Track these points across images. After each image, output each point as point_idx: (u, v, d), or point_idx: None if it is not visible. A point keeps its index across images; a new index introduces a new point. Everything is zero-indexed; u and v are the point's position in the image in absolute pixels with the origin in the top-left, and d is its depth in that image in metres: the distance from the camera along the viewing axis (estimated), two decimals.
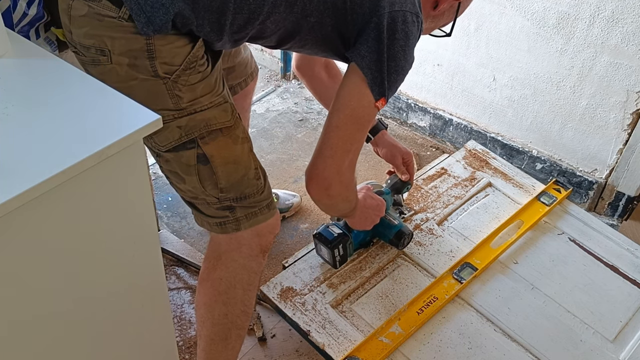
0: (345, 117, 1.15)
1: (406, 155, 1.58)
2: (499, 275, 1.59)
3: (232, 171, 1.10)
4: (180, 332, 1.52)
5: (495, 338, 1.44)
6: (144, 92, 1.02)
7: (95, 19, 0.99)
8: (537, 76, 1.93)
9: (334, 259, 1.51)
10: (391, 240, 1.58)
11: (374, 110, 1.14)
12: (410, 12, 1.10)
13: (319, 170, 1.18)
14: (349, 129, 1.16)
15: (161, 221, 1.84)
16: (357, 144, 1.19)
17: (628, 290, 1.60)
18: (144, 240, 0.97)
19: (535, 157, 2.05)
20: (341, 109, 1.15)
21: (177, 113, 1.04)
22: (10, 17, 1.15)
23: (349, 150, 1.17)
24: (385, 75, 1.11)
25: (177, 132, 1.06)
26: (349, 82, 1.14)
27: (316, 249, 1.57)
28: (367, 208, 1.44)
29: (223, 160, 1.09)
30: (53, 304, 0.87)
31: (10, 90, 0.88)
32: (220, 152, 1.09)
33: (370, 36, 1.09)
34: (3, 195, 0.71)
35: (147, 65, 1.01)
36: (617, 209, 1.96)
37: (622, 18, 1.68)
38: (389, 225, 1.57)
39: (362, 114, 1.15)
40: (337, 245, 1.48)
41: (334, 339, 1.39)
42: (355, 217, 1.41)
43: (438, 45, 2.10)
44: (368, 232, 1.57)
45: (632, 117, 1.79)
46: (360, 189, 1.46)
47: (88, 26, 1.00)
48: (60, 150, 0.78)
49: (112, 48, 1.00)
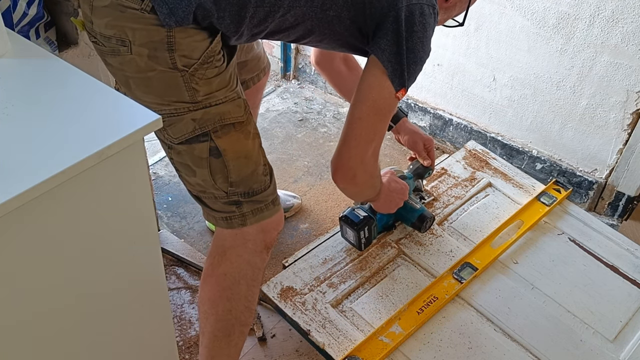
0: (367, 108, 1.19)
1: (427, 142, 1.63)
2: (499, 275, 1.59)
3: (242, 165, 1.12)
4: (180, 332, 1.52)
5: (495, 338, 1.44)
6: (161, 84, 1.04)
7: (117, 10, 1.00)
8: (537, 76, 1.93)
9: (360, 241, 1.55)
10: (414, 223, 1.61)
11: (395, 100, 1.18)
12: (427, 4, 1.14)
13: (344, 160, 1.23)
14: (372, 119, 1.20)
15: (161, 221, 1.84)
16: (379, 134, 1.24)
17: (628, 290, 1.60)
18: (144, 240, 0.97)
19: (535, 157, 2.05)
20: (363, 101, 1.19)
21: (193, 106, 1.06)
22: (10, 17, 1.15)
23: (372, 140, 1.22)
24: (404, 66, 1.14)
25: (191, 125, 1.07)
26: (370, 74, 1.17)
27: (341, 231, 1.60)
28: (392, 192, 1.48)
29: (235, 155, 1.11)
30: (53, 303, 0.87)
31: (10, 90, 0.88)
32: (232, 146, 1.10)
33: (389, 29, 1.11)
34: (3, 195, 0.71)
35: (167, 57, 1.02)
36: (617, 209, 1.96)
37: (622, 18, 1.68)
38: (412, 209, 1.61)
39: (384, 104, 1.19)
40: (363, 227, 1.53)
41: (334, 339, 1.39)
42: (380, 200, 1.46)
43: (438, 45, 2.10)
44: (391, 215, 1.62)
45: (632, 117, 1.79)
46: (385, 173, 1.50)
47: (110, 17, 1.01)
48: (60, 150, 0.78)
49: (133, 39, 1.01)
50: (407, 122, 1.65)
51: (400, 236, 1.66)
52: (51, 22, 1.27)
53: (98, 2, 1.02)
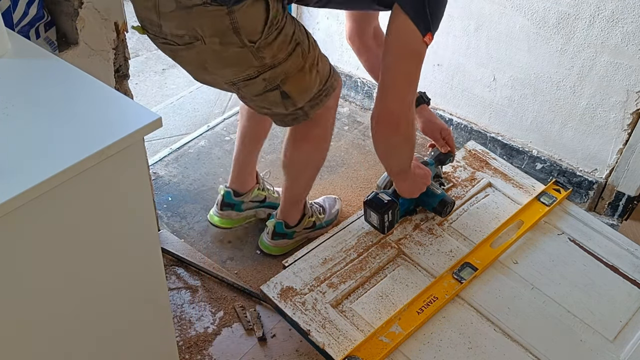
0: (399, 53, 1.28)
1: (443, 131, 1.70)
2: (499, 275, 1.59)
3: (305, 95, 1.36)
4: (180, 332, 1.52)
5: (495, 338, 1.44)
6: (235, 59, 1.25)
7: (184, 12, 1.17)
8: (537, 76, 1.93)
9: (383, 224, 1.59)
10: (435, 208, 1.66)
11: (423, 45, 1.26)
12: None
13: (386, 108, 1.31)
14: (405, 65, 1.29)
15: (161, 221, 1.84)
16: (415, 79, 1.32)
17: (628, 290, 1.60)
18: (144, 240, 0.97)
19: (535, 157, 2.05)
20: (393, 49, 1.28)
21: (262, 68, 1.26)
22: (11, 17, 1.15)
23: (409, 84, 1.31)
24: (427, 9, 1.22)
25: (262, 84, 1.29)
26: (395, 23, 1.25)
27: (365, 215, 1.65)
28: (417, 176, 1.55)
29: (299, 91, 1.34)
30: (53, 303, 0.87)
31: (10, 90, 0.88)
32: (296, 87, 1.33)
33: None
34: (3, 195, 0.71)
35: (236, 39, 1.20)
36: (617, 208, 1.96)
37: (622, 18, 1.68)
38: (433, 194, 1.65)
39: (413, 49, 1.26)
40: (387, 211, 1.56)
41: (334, 339, 1.39)
42: (406, 184, 1.53)
43: (438, 45, 2.10)
44: (412, 200, 1.67)
45: (632, 117, 1.79)
46: None
47: (178, 19, 1.19)
48: (60, 150, 0.78)
49: (203, 33, 1.19)
50: (425, 110, 1.71)
51: (400, 236, 1.66)
52: (51, 22, 1.27)
53: (164, 9, 1.19)
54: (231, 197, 1.76)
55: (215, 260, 1.73)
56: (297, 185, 1.63)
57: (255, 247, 1.77)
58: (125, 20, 1.35)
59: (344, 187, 2.01)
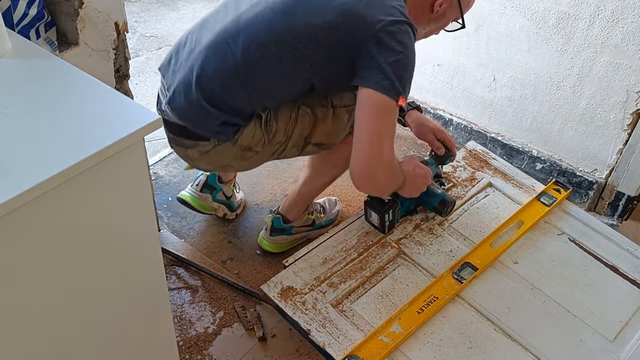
0: (372, 112, 1.29)
1: (437, 132, 1.69)
2: (499, 275, 1.59)
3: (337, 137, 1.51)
4: (180, 332, 1.52)
5: (496, 338, 1.44)
6: (259, 158, 1.48)
7: (205, 155, 1.43)
8: (537, 76, 1.93)
9: (384, 223, 1.62)
10: (435, 207, 1.66)
11: (396, 108, 1.29)
12: (390, 21, 1.25)
13: (361, 162, 1.31)
14: (378, 121, 1.29)
15: (161, 221, 1.84)
16: (389, 129, 1.32)
17: (628, 290, 1.60)
18: (144, 240, 0.97)
19: (535, 157, 2.05)
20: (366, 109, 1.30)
21: (284, 144, 1.46)
22: (11, 17, 1.15)
23: (383, 137, 1.30)
24: (394, 82, 1.25)
25: (294, 149, 1.49)
26: (367, 94, 1.27)
27: (365, 215, 1.67)
28: (416, 176, 1.53)
29: (328, 136, 1.50)
30: (53, 303, 0.87)
31: (10, 90, 0.88)
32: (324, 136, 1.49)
33: (365, 60, 1.26)
34: (3, 195, 0.71)
35: (249, 153, 1.44)
36: (617, 209, 1.96)
37: (622, 18, 1.68)
38: (434, 194, 1.66)
39: (386, 108, 1.28)
40: (387, 210, 1.60)
41: (334, 338, 1.39)
42: (406, 186, 1.50)
43: (438, 45, 2.11)
44: (413, 200, 1.67)
45: (632, 117, 1.79)
46: (409, 159, 1.56)
47: (205, 160, 1.46)
48: (60, 150, 0.78)
49: (227, 162, 1.47)
50: (414, 114, 1.71)
51: (400, 236, 1.66)
52: (51, 22, 1.27)
53: (193, 155, 1.45)
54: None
55: (215, 260, 1.73)
56: (319, 181, 1.66)
57: (255, 247, 1.77)
58: (125, 20, 1.35)
59: (344, 187, 2.01)
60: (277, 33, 1.30)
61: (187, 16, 3.04)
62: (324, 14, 1.27)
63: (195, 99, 1.33)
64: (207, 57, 1.33)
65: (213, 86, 1.33)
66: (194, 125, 1.38)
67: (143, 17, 3.00)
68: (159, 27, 2.92)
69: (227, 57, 1.32)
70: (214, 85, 1.33)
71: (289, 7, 1.30)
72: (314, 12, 1.28)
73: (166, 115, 1.41)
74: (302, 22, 1.29)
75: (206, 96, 1.33)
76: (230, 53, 1.32)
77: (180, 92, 1.35)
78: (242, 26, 1.32)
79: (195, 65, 1.34)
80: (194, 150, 1.43)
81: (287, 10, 1.29)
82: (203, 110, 1.34)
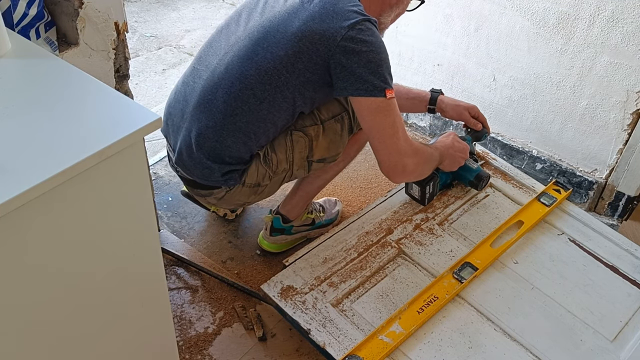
0: (372, 115, 1.35)
1: (471, 109, 1.77)
2: (499, 275, 1.59)
3: (335, 149, 1.55)
4: (180, 332, 1.52)
5: (496, 337, 1.44)
6: (272, 186, 1.54)
7: (222, 200, 1.54)
8: (537, 76, 1.93)
9: (424, 195, 1.71)
10: (471, 181, 1.75)
11: (389, 101, 1.34)
12: (348, 27, 1.28)
13: (386, 163, 1.41)
14: (382, 118, 1.35)
15: (161, 221, 1.84)
16: (397, 124, 1.37)
17: (628, 290, 1.60)
18: (144, 240, 0.97)
19: (535, 157, 2.05)
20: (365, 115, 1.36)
21: (289, 170, 1.52)
22: (11, 17, 1.15)
23: (394, 133, 1.37)
24: (374, 80, 1.30)
25: (301, 170, 1.55)
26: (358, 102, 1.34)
27: (406, 188, 1.77)
28: (456, 150, 1.64)
29: (329, 150, 1.53)
30: (53, 303, 0.87)
31: (10, 90, 0.88)
32: (324, 151, 1.52)
33: (339, 70, 1.31)
34: (3, 195, 0.71)
35: (260, 187, 1.52)
36: (617, 209, 1.96)
37: (622, 18, 1.68)
38: (470, 169, 1.75)
39: (381, 105, 1.33)
40: (428, 182, 1.68)
41: (334, 338, 1.39)
42: (446, 159, 1.62)
43: (438, 45, 2.11)
44: (449, 174, 1.76)
45: (632, 117, 1.79)
46: (448, 134, 1.67)
47: (224, 204, 1.57)
48: (60, 150, 0.78)
49: (240, 200, 1.55)
50: (445, 99, 1.77)
51: (400, 236, 1.66)
52: (51, 22, 1.27)
53: (212, 201, 1.56)
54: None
55: (215, 260, 1.73)
56: (318, 179, 1.68)
57: (255, 247, 1.77)
58: (125, 20, 1.35)
59: (344, 187, 2.01)
60: (248, 78, 1.36)
61: (187, 16, 3.04)
62: (284, 43, 1.33)
63: (197, 157, 1.44)
64: (199, 118, 1.42)
65: (210, 143, 1.41)
66: (202, 180, 1.48)
67: (143, 17, 3.00)
68: (158, 27, 2.93)
69: (213, 113, 1.40)
70: (210, 142, 1.41)
71: (250, 50, 1.36)
72: (274, 46, 1.34)
73: (179, 172, 1.54)
74: (267, 59, 1.34)
75: (207, 154, 1.42)
76: (216, 109, 1.40)
77: (184, 153, 1.46)
78: (217, 81, 1.40)
79: (191, 128, 1.43)
80: (211, 198, 1.54)
81: (249, 54, 1.36)
82: (207, 167, 1.44)
